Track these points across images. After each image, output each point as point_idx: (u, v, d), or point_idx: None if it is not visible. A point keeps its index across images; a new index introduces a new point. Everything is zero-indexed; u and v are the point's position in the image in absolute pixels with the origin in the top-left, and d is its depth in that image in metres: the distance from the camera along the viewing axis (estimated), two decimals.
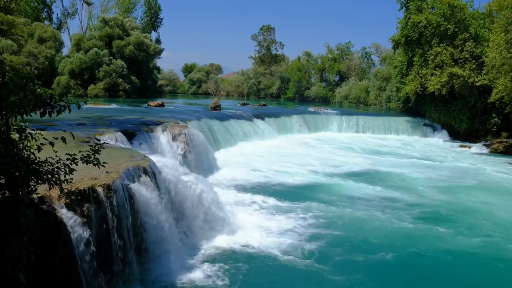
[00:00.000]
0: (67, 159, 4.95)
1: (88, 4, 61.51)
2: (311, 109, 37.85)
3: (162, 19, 67.88)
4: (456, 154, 25.42)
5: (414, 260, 9.32)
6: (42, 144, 4.71)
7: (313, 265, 8.73)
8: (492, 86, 27.61)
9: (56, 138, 4.75)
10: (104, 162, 5.31)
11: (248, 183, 15.26)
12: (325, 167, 18.90)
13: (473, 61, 29.99)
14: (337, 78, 65.09)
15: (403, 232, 10.86)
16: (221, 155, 18.88)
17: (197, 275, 7.97)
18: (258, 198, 13.32)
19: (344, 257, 9.27)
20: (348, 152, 24.28)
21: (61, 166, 4.89)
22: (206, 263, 8.51)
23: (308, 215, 11.89)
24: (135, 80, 46.93)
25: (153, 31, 66.09)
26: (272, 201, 13.11)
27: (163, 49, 57.24)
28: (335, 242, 10.03)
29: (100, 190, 6.73)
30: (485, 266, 9.25)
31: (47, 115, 4.51)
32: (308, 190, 14.76)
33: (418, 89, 32.20)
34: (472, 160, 23.39)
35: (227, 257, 8.87)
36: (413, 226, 11.35)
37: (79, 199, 6.31)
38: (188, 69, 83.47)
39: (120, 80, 45.05)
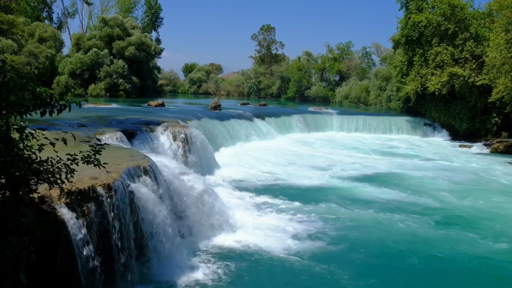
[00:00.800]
0: (68, 159, 4.94)
1: (89, 4, 61.68)
2: (311, 108, 37.85)
3: (162, 19, 67.98)
4: (461, 155, 25.21)
5: (436, 265, 8.94)
6: (42, 144, 4.70)
7: (323, 268, 8.41)
8: (493, 85, 27.60)
9: (57, 139, 4.75)
10: (104, 163, 5.30)
11: (249, 183, 15.20)
12: (328, 167, 18.86)
13: (474, 60, 29.98)
14: (337, 78, 65.12)
15: (424, 237, 10.48)
16: (221, 155, 18.88)
17: (197, 274, 7.95)
18: (260, 198, 13.22)
19: (360, 261, 8.94)
20: (352, 152, 24.20)
21: (62, 166, 4.88)
22: (206, 262, 8.48)
23: (317, 217, 11.47)
24: (135, 80, 46.96)
25: (153, 31, 66.14)
26: (275, 201, 12.91)
27: (163, 48, 57.35)
28: (350, 245, 9.65)
29: (100, 189, 6.72)
30: None
31: (47, 114, 4.50)
32: (314, 192, 14.46)
33: (418, 89, 32.20)
34: (481, 161, 22.88)
35: (227, 256, 8.83)
36: (434, 231, 10.93)
37: (79, 199, 6.30)
38: (188, 69, 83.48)
39: (121, 80, 45.07)
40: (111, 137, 12.42)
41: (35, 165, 4.43)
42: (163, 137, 15.15)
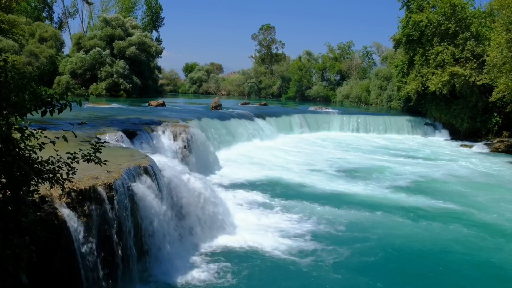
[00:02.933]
0: (68, 157, 4.95)
1: (89, 3, 61.71)
2: (312, 108, 37.87)
3: (163, 18, 67.87)
4: (468, 156, 24.95)
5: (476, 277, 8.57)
6: (43, 143, 4.71)
7: (338, 274, 8.19)
8: (493, 85, 27.55)
9: (58, 138, 4.75)
10: (105, 160, 5.30)
11: (250, 183, 15.16)
12: (331, 168, 18.82)
13: (474, 60, 29.96)
14: (338, 78, 65.11)
15: (464, 246, 10.00)
16: (221, 155, 18.87)
17: (197, 275, 7.94)
18: (261, 198, 13.14)
19: (377, 267, 8.66)
20: (356, 152, 24.13)
21: (62, 165, 4.88)
22: (206, 263, 8.48)
23: (326, 220, 11.12)
24: (136, 80, 46.99)
25: (153, 31, 66.10)
26: (276, 201, 12.80)
27: (164, 48, 57.34)
28: (357, 248, 9.36)
29: (101, 189, 6.72)
30: None
31: (48, 114, 4.50)
32: (316, 193, 14.22)
33: (419, 88, 32.19)
34: (491, 163, 22.42)
35: (228, 257, 8.81)
36: (473, 240, 10.40)
37: (80, 199, 6.31)
38: (189, 69, 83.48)
39: (122, 80, 45.12)
40: (112, 137, 12.42)
41: (36, 164, 4.43)
42: (164, 137, 15.16)
